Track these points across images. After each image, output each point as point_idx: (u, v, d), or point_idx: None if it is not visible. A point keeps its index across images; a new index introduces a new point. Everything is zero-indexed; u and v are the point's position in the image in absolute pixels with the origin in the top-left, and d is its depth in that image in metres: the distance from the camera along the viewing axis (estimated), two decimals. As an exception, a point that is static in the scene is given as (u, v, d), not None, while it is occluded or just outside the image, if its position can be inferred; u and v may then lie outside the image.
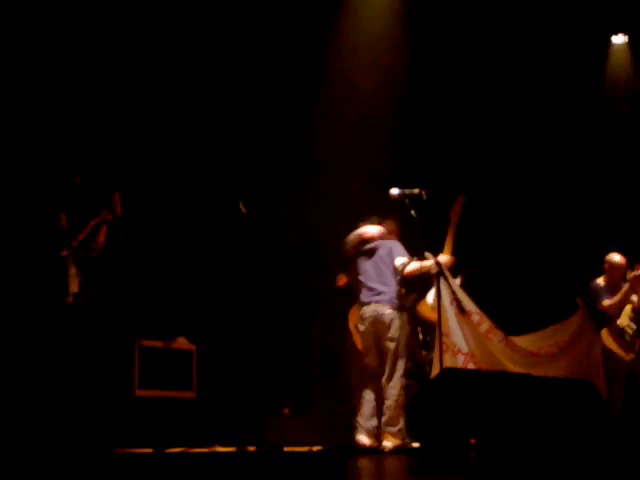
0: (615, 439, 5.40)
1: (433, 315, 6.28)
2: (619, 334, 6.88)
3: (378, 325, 6.20)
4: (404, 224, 6.46)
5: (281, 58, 7.49)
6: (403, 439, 6.10)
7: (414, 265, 6.24)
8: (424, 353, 6.66)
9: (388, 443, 6.02)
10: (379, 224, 6.49)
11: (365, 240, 6.42)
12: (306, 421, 7.35)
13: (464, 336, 6.15)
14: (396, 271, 6.27)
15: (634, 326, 6.91)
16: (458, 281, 6.38)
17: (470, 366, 6.10)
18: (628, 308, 6.95)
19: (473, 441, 5.03)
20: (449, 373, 5.55)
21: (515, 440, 5.10)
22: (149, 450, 5.18)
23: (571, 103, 8.26)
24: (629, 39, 8.60)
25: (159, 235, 6.94)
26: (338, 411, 7.46)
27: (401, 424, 6.08)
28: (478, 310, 6.27)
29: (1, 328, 5.85)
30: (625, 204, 8.36)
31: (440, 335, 5.89)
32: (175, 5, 6.94)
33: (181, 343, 6.88)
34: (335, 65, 7.79)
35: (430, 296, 6.40)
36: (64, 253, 5.53)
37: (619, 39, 8.62)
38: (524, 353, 6.39)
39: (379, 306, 6.23)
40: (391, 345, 6.16)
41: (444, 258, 6.27)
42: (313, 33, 7.49)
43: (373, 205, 6.77)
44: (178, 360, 6.76)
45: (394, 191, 6.16)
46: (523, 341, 6.47)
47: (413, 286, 6.54)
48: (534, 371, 6.11)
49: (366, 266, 6.37)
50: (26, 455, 5.08)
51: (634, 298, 6.95)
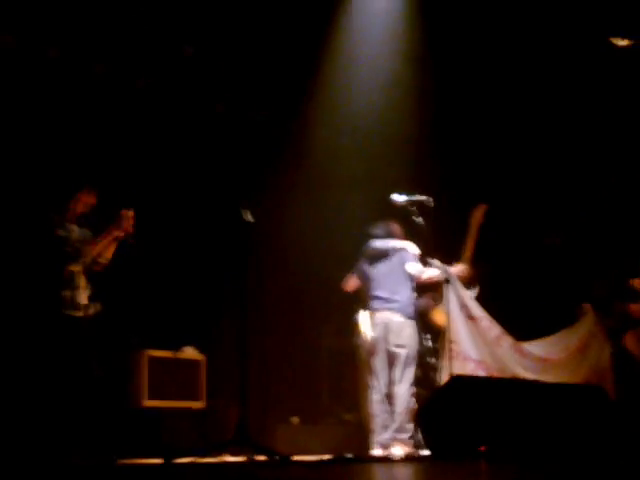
0: (626, 443, 5.37)
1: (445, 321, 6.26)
2: None
3: (389, 332, 6.19)
4: (409, 231, 6.42)
5: (282, 62, 7.49)
6: (413, 446, 6.07)
7: (433, 272, 6.20)
8: (434, 360, 6.63)
9: (398, 451, 6.00)
10: (389, 227, 6.43)
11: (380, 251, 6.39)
12: (315, 430, 7.34)
13: (474, 342, 6.13)
14: (411, 277, 6.25)
15: None
16: (475, 292, 6.34)
17: (480, 373, 6.08)
18: None
19: (483, 448, 5.01)
20: (458, 380, 5.54)
21: (525, 446, 5.08)
22: (158, 460, 5.17)
23: (580, 103, 8.22)
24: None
25: (166, 245, 6.94)
26: (347, 420, 7.46)
27: (411, 431, 6.06)
28: (487, 316, 6.24)
29: (11, 339, 5.88)
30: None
31: (449, 342, 5.87)
32: (176, 11, 6.94)
33: (189, 353, 6.88)
34: (334, 70, 7.78)
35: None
36: (73, 268, 5.51)
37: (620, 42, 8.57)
38: (534, 359, 6.36)
39: (390, 313, 6.22)
40: (401, 352, 6.15)
41: (460, 268, 6.22)
42: (312, 36, 7.47)
43: (378, 211, 6.75)
44: (187, 370, 6.76)
45: (399, 198, 6.14)
46: (533, 347, 6.45)
47: (424, 290, 6.51)
48: (544, 377, 6.09)
49: (378, 272, 6.35)
50: (34, 465, 5.09)
51: None
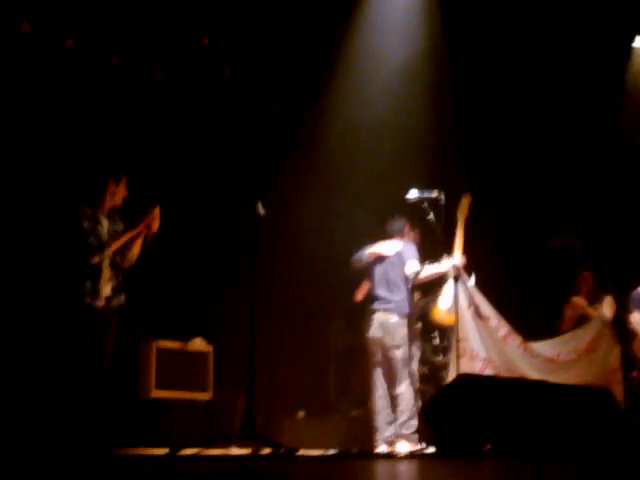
0: (633, 446, 5.35)
1: (447, 320, 6.24)
2: None
3: (384, 333, 6.19)
4: (422, 227, 6.41)
5: (293, 60, 7.48)
6: (417, 443, 6.07)
7: (429, 270, 6.19)
8: (440, 357, 6.62)
9: (402, 447, 6.00)
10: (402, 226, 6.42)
11: (379, 257, 6.38)
12: (321, 424, 7.34)
13: (482, 341, 6.12)
14: (407, 278, 6.24)
15: None
16: (472, 279, 6.31)
17: (488, 371, 6.07)
18: None
19: (489, 446, 5.00)
20: (465, 378, 5.53)
21: (530, 446, 5.06)
22: (164, 450, 5.19)
23: (591, 109, 8.19)
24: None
25: (176, 236, 6.95)
26: (353, 414, 7.46)
27: (415, 428, 6.05)
28: (496, 314, 6.22)
29: (29, 325, 5.92)
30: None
31: (457, 340, 5.85)
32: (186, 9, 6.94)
33: (197, 344, 6.89)
34: (350, 64, 7.76)
35: (441, 301, 6.34)
36: (97, 259, 5.53)
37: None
38: (542, 359, 6.34)
39: (386, 314, 6.21)
40: (397, 353, 6.14)
41: (456, 259, 6.20)
42: (324, 36, 7.45)
43: (391, 206, 6.73)
44: (194, 361, 6.78)
45: (412, 194, 6.13)
46: (541, 347, 6.43)
47: (426, 290, 6.50)
48: (552, 377, 6.07)
49: (377, 273, 6.35)
50: (42, 454, 5.12)
51: None
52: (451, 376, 5.88)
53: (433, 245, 6.32)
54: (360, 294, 6.51)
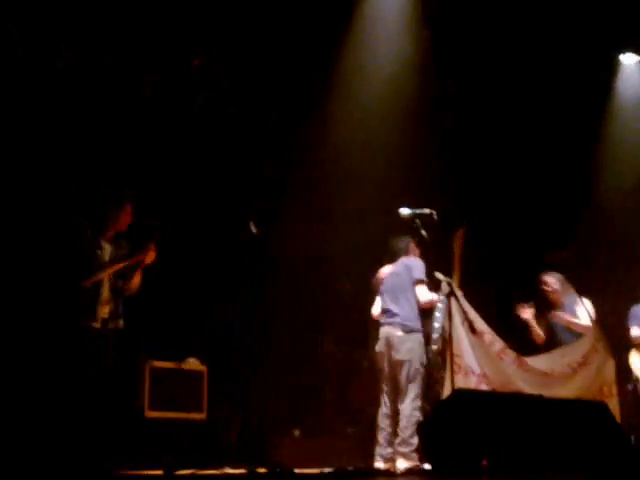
0: (630, 461, 5.34)
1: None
2: None
3: (390, 347, 6.19)
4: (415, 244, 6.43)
5: (291, 73, 7.51)
6: (417, 462, 6.04)
7: (431, 296, 6.20)
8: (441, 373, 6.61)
9: (401, 464, 5.98)
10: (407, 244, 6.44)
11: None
12: (317, 443, 7.31)
13: (476, 357, 6.12)
14: (416, 297, 6.24)
15: None
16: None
17: (482, 387, 6.07)
18: None
19: (485, 463, 4.99)
20: (461, 394, 5.52)
21: (527, 462, 5.05)
22: (159, 472, 5.15)
23: (579, 121, 8.25)
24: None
25: (169, 256, 6.94)
26: (349, 432, 7.44)
27: (414, 447, 6.03)
28: (490, 330, 6.23)
29: (25, 345, 5.90)
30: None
31: (452, 356, 5.85)
32: (188, 22, 6.98)
33: (192, 364, 6.86)
34: (349, 74, 7.79)
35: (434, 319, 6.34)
36: (93, 282, 5.55)
37: (629, 59, 8.60)
38: (537, 373, 6.34)
39: (391, 328, 6.22)
40: (401, 368, 6.13)
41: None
42: (321, 48, 7.50)
43: (383, 225, 6.76)
44: (189, 381, 6.75)
45: (405, 211, 6.15)
46: (536, 361, 6.43)
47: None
48: (547, 392, 6.06)
49: (384, 287, 6.38)
50: (36, 475, 5.08)
51: None
52: (446, 392, 5.87)
53: (425, 261, 6.34)
54: (376, 311, 6.52)
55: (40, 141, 6.31)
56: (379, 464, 6.08)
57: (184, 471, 5.06)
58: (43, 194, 6.27)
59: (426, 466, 5.93)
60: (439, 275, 6.14)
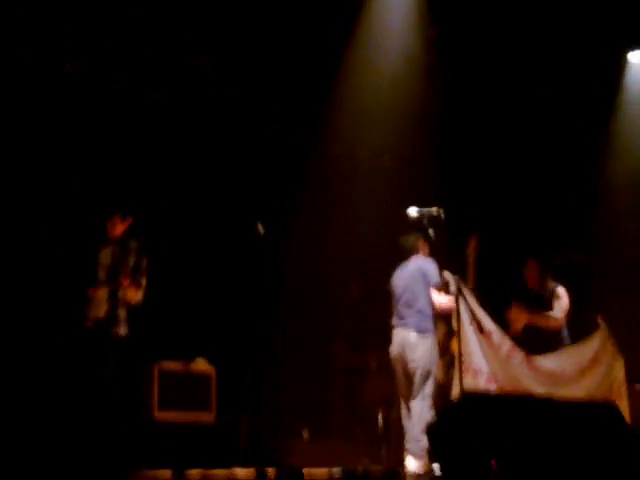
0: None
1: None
2: None
3: (405, 349, 6.19)
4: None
5: (296, 77, 7.52)
6: (427, 461, 6.03)
7: (444, 303, 6.17)
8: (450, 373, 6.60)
9: (410, 464, 5.98)
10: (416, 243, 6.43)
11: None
12: (325, 443, 7.30)
13: (485, 356, 6.08)
14: (430, 298, 6.24)
15: None
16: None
17: (491, 387, 6.03)
18: None
19: (494, 464, 4.97)
20: (470, 395, 5.50)
21: (537, 464, 5.03)
22: (168, 472, 5.16)
23: (586, 123, 8.22)
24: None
25: (177, 257, 6.96)
26: (357, 433, 7.43)
27: (424, 444, 6.02)
28: (499, 329, 6.20)
29: (20, 349, 5.92)
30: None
31: (460, 355, 5.84)
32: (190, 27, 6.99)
33: (200, 365, 6.87)
34: (354, 82, 7.80)
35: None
36: (100, 290, 5.59)
37: (637, 56, 8.55)
38: (546, 373, 6.30)
39: (404, 330, 6.22)
40: (416, 369, 6.14)
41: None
42: (325, 53, 7.51)
43: (391, 225, 6.75)
44: (197, 382, 6.75)
45: (413, 211, 6.14)
46: (545, 361, 6.38)
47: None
48: (556, 391, 6.03)
49: (397, 288, 6.36)
50: (46, 476, 5.09)
51: None
52: (455, 393, 5.86)
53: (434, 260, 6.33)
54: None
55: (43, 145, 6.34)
56: (410, 460, 6.04)
57: (193, 471, 5.06)
58: (40, 196, 6.29)
59: (435, 466, 5.92)
60: (447, 274, 6.13)
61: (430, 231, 6.04)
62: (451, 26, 7.63)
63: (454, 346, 6.36)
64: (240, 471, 5.69)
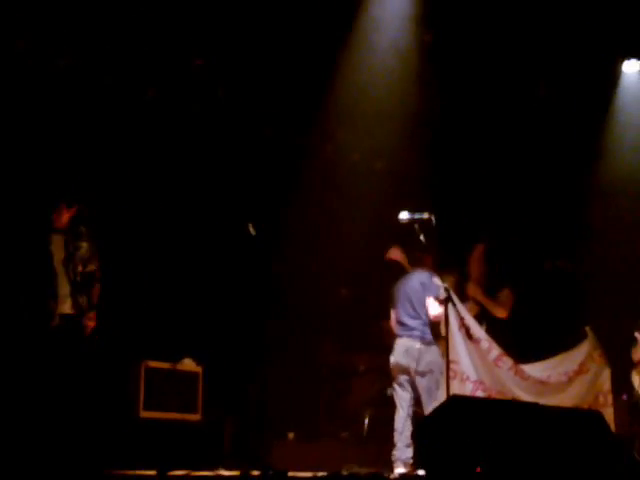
0: (624, 471, 5.33)
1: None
2: None
3: (410, 359, 6.19)
4: (413, 249, 6.42)
5: (290, 81, 7.51)
6: (411, 466, 6.04)
7: (438, 312, 6.17)
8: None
9: (399, 469, 5.99)
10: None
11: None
12: (311, 446, 7.30)
13: (473, 363, 6.10)
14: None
15: None
16: (483, 328, 6.33)
17: (479, 393, 6.05)
18: None
19: (479, 470, 4.97)
20: (456, 400, 5.50)
21: (521, 470, 5.04)
22: (152, 472, 5.14)
23: (579, 132, 8.24)
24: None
25: (165, 256, 6.94)
26: (344, 437, 7.43)
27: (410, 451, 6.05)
28: (487, 337, 6.22)
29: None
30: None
31: (448, 362, 5.84)
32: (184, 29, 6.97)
33: (187, 364, 6.85)
34: (348, 83, 7.79)
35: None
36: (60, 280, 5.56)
37: (631, 66, 8.57)
38: (533, 381, 6.33)
39: (409, 340, 6.23)
40: (422, 380, 6.16)
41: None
42: (319, 56, 7.49)
43: (381, 229, 6.75)
44: (184, 381, 6.73)
45: (403, 216, 6.14)
46: (533, 369, 6.41)
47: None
48: (543, 399, 6.05)
49: (399, 298, 6.38)
50: (30, 476, 5.06)
51: None
52: (442, 398, 5.86)
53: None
54: (392, 321, 6.51)
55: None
56: (400, 469, 6.07)
57: (178, 472, 5.04)
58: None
59: (420, 472, 5.92)
60: (437, 281, 6.13)
61: (421, 237, 6.05)
62: (446, 31, 7.63)
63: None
64: (225, 472, 5.68)
